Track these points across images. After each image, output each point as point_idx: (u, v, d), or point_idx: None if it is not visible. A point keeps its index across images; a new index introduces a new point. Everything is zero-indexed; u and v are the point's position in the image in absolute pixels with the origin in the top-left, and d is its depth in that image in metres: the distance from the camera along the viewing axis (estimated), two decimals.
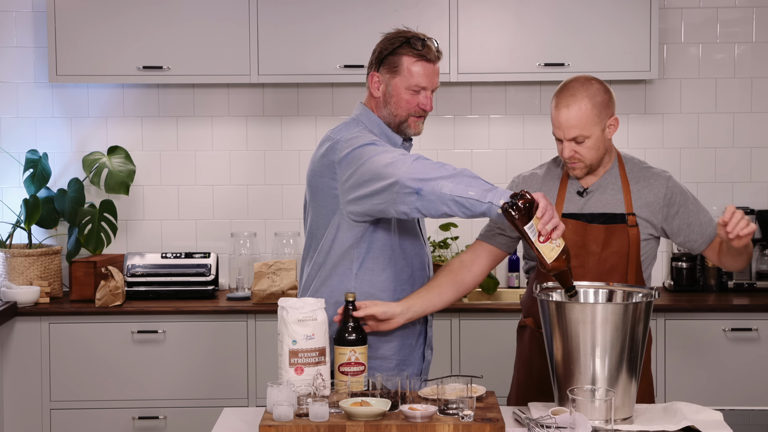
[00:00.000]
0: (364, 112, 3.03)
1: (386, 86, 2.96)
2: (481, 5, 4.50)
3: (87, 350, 4.35)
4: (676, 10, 4.81)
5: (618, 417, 2.58)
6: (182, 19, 4.48)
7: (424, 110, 2.96)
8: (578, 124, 2.84)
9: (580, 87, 2.86)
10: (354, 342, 2.71)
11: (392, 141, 2.99)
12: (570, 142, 2.87)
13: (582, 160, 2.90)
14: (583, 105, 2.84)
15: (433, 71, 2.95)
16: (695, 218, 3.02)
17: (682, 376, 4.35)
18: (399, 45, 2.93)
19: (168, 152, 4.86)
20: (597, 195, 2.97)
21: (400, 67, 2.93)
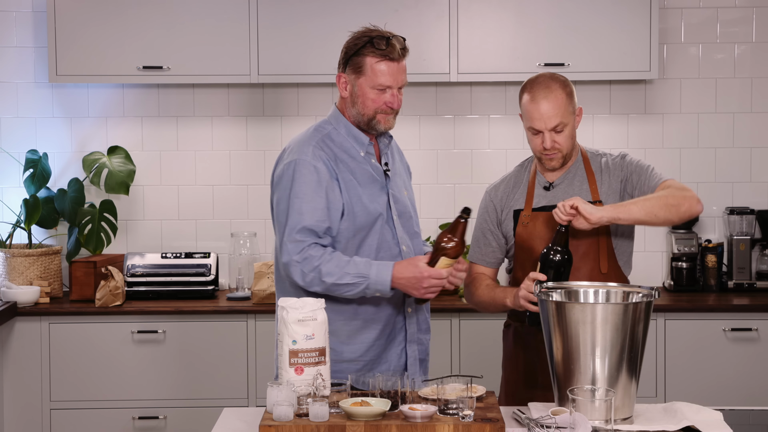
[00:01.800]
0: (333, 114, 3.08)
1: (352, 86, 3.00)
2: (481, 5, 4.50)
3: (87, 350, 4.35)
4: (676, 10, 4.81)
5: (618, 417, 2.58)
6: (182, 19, 4.48)
7: (392, 108, 2.99)
8: (557, 113, 2.97)
9: (551, 80, 3.02)
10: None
11: (359, 140, 3.03)
12: (550, 132, 2.98)
13: (560, 149, 3.01)
14: (559, 94, 2.98)
15: (398, 69, 2.97)
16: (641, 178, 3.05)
17: (682, 376, 4.35)
18: (363, 45, 2.96)
19: (168, 152, 4.86)
20: (563, 187, 3.07)
21: (364, 68, 2.96)
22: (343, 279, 2.88)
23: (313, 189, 2.92)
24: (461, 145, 4.86)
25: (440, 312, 4.37)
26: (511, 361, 3.14)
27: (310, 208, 2.91)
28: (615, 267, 3.03)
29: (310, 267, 2.89)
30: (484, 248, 3.18)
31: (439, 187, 4.86)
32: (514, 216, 3.10)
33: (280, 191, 2.97)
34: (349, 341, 3.02)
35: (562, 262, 2.85)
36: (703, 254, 4.68)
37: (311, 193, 2.92)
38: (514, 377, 3.12)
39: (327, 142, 3.01)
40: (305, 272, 2.89)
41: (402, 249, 3.06)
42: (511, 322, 3.16)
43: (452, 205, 4.84)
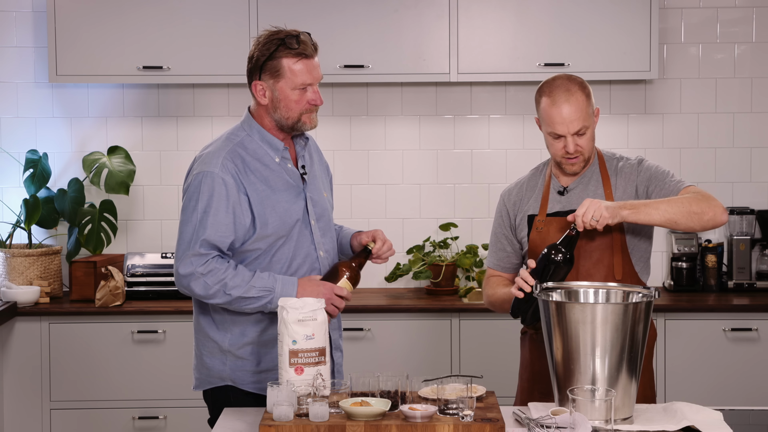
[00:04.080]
0: (246, 120, 3.01)
1: (272, 92, 2.93)
2: (481, 5, 4.50)
3: (87, 350, 4.35)
4: (676, 10, 4.81)
5: (618, 417, 2.58)
6: (182, 19, 4.48)
7: (315, 105, 2.94)
8: (580, 116, 2.91)
9: (569, 82, 2.95)
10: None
11: (274, 146, 2.96)
12: (573, 137, 2.93)
13: (582, 153, 2.96)
14: (579, 97, 2.93)
15: (313, 65, 2.92)
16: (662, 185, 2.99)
17: (682, 376, 4.35)
18: (275, 48, 2.89)
19: (168, 152, 4.86)
20: (578, 191, 3.02)
21: (282, 70, 2.89)
22: (249, 292, 2.84)
23: (219, 203, 2.86)
24: (461, 145, 4.86)
25: (440, 312, 4.37)
26: (527, 369, 3.11)
27: (215, 221, 2.85)
28: (631, 273, 2.98)
29: (215, 279, 2.84)
30: (499, 253, 3.15)
31: (439, 187, 4.86)
32: (528, 221, 3.06)
33: (186, 202, 2.91)
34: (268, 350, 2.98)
35: (563, 262, 2.82)
36: (703, 254, 4.68)
37: (217, 207, 2.86)
38: (529, 385, 3.09)
39: (239, 151, 2.94)
40: (209, 284, 2.84)
41: (320, 254, 3.01)
42: (527, 329, 3.12)
43: (452, 205, 4.84)
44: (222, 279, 2.84)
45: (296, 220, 2.95)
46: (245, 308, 2.87)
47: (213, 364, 2.98)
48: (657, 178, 2.99)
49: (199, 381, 3.05)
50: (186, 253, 2.86)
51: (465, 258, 4.64)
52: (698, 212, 2.84)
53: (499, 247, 3.15)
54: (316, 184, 3.05)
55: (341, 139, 4.84)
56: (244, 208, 2.88)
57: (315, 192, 3.02)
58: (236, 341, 2.95)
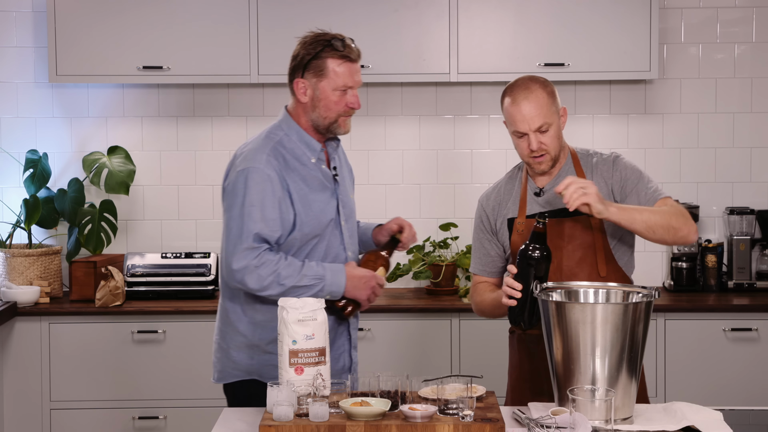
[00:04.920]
0: (284, 119, 3.10)
1: (313, 90, 3.02)
2: (481, 5, 4.50)
3: (87, 350, 4.35)
4: (676, 10, 4.81)
5: (618, 417, 2.58)
6: (182, 19, 4.48)
7: (353, 108, 3.02)
8: (540, 113, 2.92)
9: (530, 81, 2.96)
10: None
11: (311, 147, 3.04)
12: (535, 134, 2.93)
13: (548, 151, 2.96)
14: (540, 94, 2.93)
15: (356, 70, 3.01)
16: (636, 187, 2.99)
17: (682, 376, 4.35)
18: (321, 48, 2.99)
19: (168, 152, 4.86)
20: (553, 193, 3.00)
21: (326, 70, 2.98)
22: (302, 281, 2.90)
23: (267, 197, 2.91)
24: (461, 145, 4.86)
25: (440, 312, 4.37)
26: (516, 368, 3.12)
27: (264, 216, 2.90)
28: (615, 269, 2.98)
29: (268, 271, 2.88)
30: (483, 258, 3.14)
31: (439, 187, 4.86)
32: (508, 225, 3.05)
33: (232, 198, 2.95)
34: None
35: (541, 258, 2.80)
36: (703, 254, 4.68)
37: (266, 202, 2.91)
38: (519, 384, 3.09)
39: (279, 149, 3.00)
40: (263, 276, 2.88)
41: (348, 255, 3.08)
42: (514, 329, 3.12)
43: (452, 205, 4.84)
44: (275, 270, 2.89)
45: (330, 219, 3.03)
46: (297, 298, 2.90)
47: (240, 357, 3.04)
48: (632, 181, 2.99)
49: (222, 374, 3.10)
50: (238, 248, 2.90)
51: (465, 258, 4.64)
52: (676, 227, 2.88)
53: (483, 252, 3.13)
54: (345, 185, 3.14)
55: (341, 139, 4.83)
56: (287, 205, 2.95)
57: (344, 193, 3.11)
58: (266, 336, 2.99)
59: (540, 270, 2.80)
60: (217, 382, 3.13)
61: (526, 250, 2.81)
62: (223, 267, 2.95)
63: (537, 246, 2.80)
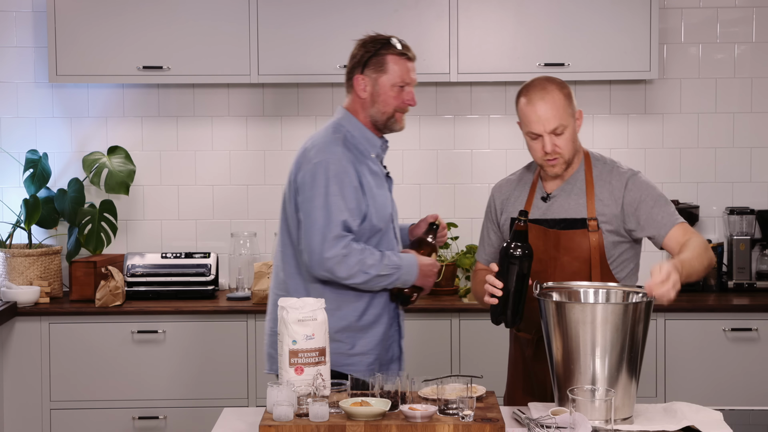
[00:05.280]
0: (345, 116, 3.20)
1: (373, 86, 3.17)
2: (481, 5, 4.50)
3: (87, 350, 4.35)
4: (676, 10, 4.81)
5: (618, 417, 2.58)
6: (182, 19, 4.48)
7: (410, 105, 3.17)
8: (556, 114, 2.87)
9: (546, 82, 2.93)
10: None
11: (372, 142, 3.17)
12: (550, 135, 2.88)
13: (561, 154, 2.90)
14: (556, 95, 2.89)
15: (412, 68, 3.22)
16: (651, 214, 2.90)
17: (682, 376, 4.35)
18: (381, 46, 3.17)
19: (168, 152, 4.86)
20: (560, 200, 2.95)
21: (386, 66, 3.15)
22: (383, 270, 3.04)
23: (347, 187, 3.05)
24: (461, 145, 4.86)
25: (440, 312, 4.37)
26: (513, 367, 3.13)
27: (347, 206, 3.04)
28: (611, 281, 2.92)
29: (355, 260, 3.01)
30: (486, 247, 3.15)
31: (439, 187, 4.86)
32: (511, 223, 3.02)
33: (313, 190, 3.05)
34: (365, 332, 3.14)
35: (522, 256, 2.77)
36: None
37: (347, 192, 3.04)
38: (514, 382, 3.11)
39: (347, 143, 3.13)
40: (351, 265, 3.01)
41: (399, 249, 3.22)
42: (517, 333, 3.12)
43: (452, 205, 4.84)
44: (361, 258, 3.01)
45: (389, 215, 3.17)
46: (377, 286, 3.07)
47: None
48: (648, 203, 2.89)
49: None
50: (327, 237, 3.01)
51: (465, 258, 4.64)
52: (708, 266, 2.86)
53: (487, 241, 3.14)
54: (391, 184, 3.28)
55: None
56: (361, 196, 3.07)
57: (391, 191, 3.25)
58: (335, 325, 3.06)
59: (522, 268, 2.78)
60: (272, 372, 3.19)
61: (507, 249, 2.79)
62: (308, 256, 3.04)
63: (518, 244, 2.78)
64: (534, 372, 3.01)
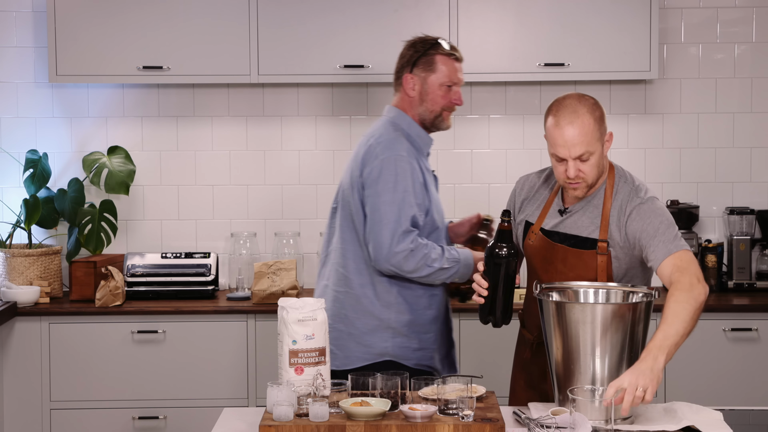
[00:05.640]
0: (398, 114, 3.27)
1: (422, 85, 3.25)
2: (481, 5, 4.50)
3: (87, 350, 4.35)
4: (676, 10, 4.81)
5: (618, 417, 2.58)
6: (182, 19, 4.48)
7: (457, 104, 3.28)
8: (584, 141, 2.74)
9: (578, 103, 2.78)
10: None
11: (424, 140, 3.27)
12: (575, 161, 2.76)
13: (585, 179, 2.80)
14: (586, 120, 2.75)
15: (460, 69, 3.30)
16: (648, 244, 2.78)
17: (682, 376, 4.35)
18: (430, 47, 3.26)
19: (168, 152, 4.86)
20: (576, 216, 2.88)
21: (435, 66, 3.24)
22: (445, 264, 3.12)
23: (414, 183, 3.13)
24: (461, 145, 4.86)
25: None
26: (517, 368, 3.12)
27: (415, 201, 3.12)
28: None
29: (420, 254, 3.08)
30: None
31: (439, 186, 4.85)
32: (525, 227, 2.99)
33: (382, 185, 3.12)
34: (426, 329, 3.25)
35: (507, 256, 2.76)
36: (703, 254, 4.68)
37: (414, 188, 3.13)
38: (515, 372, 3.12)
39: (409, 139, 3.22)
40: (417, 259, 3.09)
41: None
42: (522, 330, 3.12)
43: (452, 205, 4.84)
44: (426, 253, 3.09)
45: (443, 214, 3.30)
46: (438, 279, 3.15)
47: (374, 341, 3.19)
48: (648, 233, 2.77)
49: (352, 359, 3.21)
50: (397, 231, 3.08)
51: None
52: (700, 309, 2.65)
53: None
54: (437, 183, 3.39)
55: (341, 138, 4.84)
56: (425, 192, 3.18)
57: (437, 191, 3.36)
58: (401, 319, 3.17)
59: (508, 268, 2.78)
60: (344, 368, 3.21)
61: (492, 249, 2.80)
62: (374, 251, 3.11)
63: (503, 244, 2.78)
64: (531, 373, 3.01)
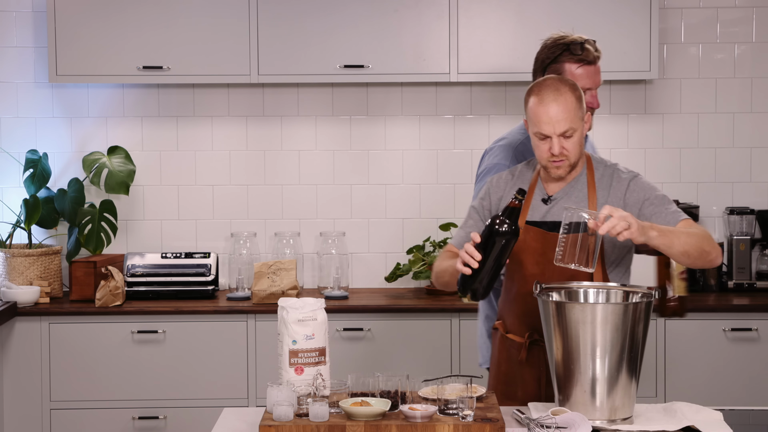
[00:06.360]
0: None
1: None
2: (481, 5, 4.50)
3: (87, 350, 4.35)
4: (676, 10, 4.81)
5: (618, 417, 2.58)
6: (182, 18, 4.48)
7: (591, 108, 3.16)
8: (567, 117, 2.83)
9: (560, 83, 2.88)
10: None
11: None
12: (559, 138, 2.84)
13: (568, 156, 2.86)
14: (569, 98, 2.85)
15: (594, 71, 3.23)
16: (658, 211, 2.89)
17: (682, 376, 4.35)
18: (560, 53, 3.19)
19: (168, 152, 4.86)
20: (562, 202, 2.91)
21: (564, 74, 3.16)
22: None
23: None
24: (461, 145, 4.86)
25: (440, 312, 4.37)
26: (494, 367, 3.07)
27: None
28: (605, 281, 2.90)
29: None
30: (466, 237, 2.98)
31: (439, 187, 4.86)
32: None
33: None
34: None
35: (508, 233, 2.68)
36: None
37: None
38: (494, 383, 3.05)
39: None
40: None
41: None
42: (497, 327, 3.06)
43: (452, 205, 4.84)
44: None
45: None
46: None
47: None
48: (653, 203, 2.89)
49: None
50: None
51: None
52: (707, 251, 2.81)
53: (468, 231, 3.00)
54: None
55: (341, 139, 4.84)
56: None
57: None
58: None
59: (506, 247, 2.69)
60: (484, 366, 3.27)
61: (494, 222, 2.69)
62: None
63: (507, 221, 2.69)
64: (522, 377, 2.96)
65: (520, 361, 2.96)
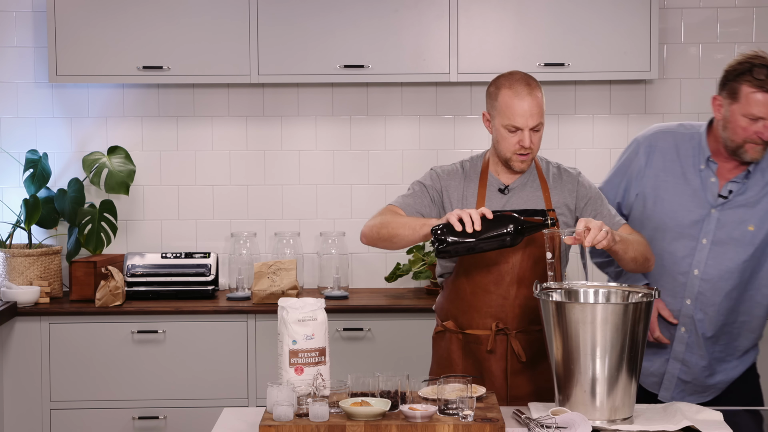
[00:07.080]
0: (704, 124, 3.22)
1: (725, 110, 3.04)
2: (481, 5, 4.50)
3: (87, 350, 4.35)
4: (676, 10, 4.81)
5: (618, 417, 2.59)
6: (182, 18, 4.48)
7: (762, 139, 2.99)
8: (539, 112, 2.93)
9: (529, 78, 2.97)
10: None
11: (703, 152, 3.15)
12: (530, 132, 2.92)
13: (533, 150, 2.96)
14: (539, 94, 2.95)
15: None
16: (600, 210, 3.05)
17: None
18: (742, 72, 3.00)
19: (168, 152, 4.86)
20: (518, 192, 3.02)
21: (739, 95, 2.99)
22: None
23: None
24: (461, 145, 4.86)
25: None
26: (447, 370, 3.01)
27: None
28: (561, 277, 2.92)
29: None
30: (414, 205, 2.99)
31: None
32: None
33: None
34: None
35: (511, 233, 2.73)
36: None
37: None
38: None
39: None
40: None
41: None
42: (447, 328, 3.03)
43: None
44: None
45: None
46: None
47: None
48: (595, 201, 3.04)
49: None
50: None
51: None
52: (649, 258, 3.03)
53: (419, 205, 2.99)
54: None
55: (341, 139, 4.84)
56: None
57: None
58: None
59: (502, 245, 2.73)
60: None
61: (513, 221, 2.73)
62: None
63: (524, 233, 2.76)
64: (490, 370, 2.96)
65: (488, 353, 2.95)
